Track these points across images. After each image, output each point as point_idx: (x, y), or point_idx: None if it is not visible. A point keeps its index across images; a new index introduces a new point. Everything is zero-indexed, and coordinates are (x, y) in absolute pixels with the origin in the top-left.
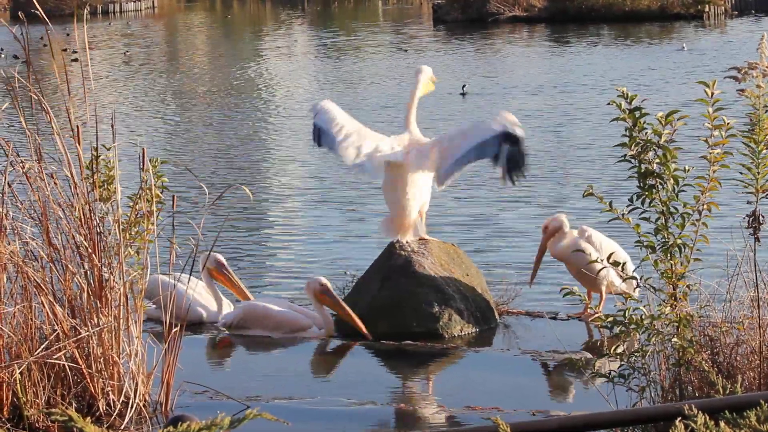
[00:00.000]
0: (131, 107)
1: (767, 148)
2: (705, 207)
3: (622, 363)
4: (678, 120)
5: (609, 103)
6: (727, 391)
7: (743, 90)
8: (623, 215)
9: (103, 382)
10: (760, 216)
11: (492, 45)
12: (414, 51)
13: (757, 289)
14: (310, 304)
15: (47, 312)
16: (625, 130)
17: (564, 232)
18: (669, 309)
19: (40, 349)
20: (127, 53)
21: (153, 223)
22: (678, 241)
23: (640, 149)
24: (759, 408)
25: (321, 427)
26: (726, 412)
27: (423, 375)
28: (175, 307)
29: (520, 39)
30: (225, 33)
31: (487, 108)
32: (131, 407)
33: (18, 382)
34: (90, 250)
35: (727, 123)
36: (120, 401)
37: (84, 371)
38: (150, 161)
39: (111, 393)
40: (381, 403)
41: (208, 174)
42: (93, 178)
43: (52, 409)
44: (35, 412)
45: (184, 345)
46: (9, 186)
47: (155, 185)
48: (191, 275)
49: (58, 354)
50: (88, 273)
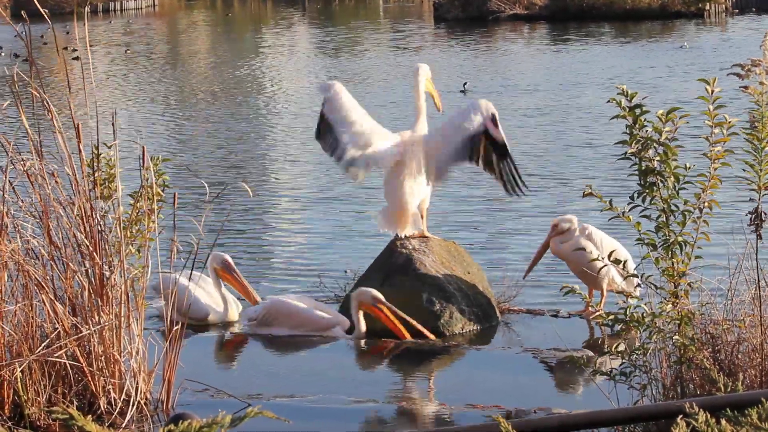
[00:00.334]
0: (132, 105)
1: None
2: (706, 204)
3: (623, 361)
4: (680, 118)
5: (609, 101)
6: (729, 389)
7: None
8: (624, 213)
9: (104, 380)
10: (762, 213)
11: (493, 43)
12: (414, 49)
13: (759, 287)
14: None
15: (48, 310)
16: (626, 127)
17: (571, 232)
18: (670, 307)
19: (41, 348)
20: (128, 51)
21: (154, 221)
22: (679, 239)
23: (640, 147)
24: (760, 406)
25: (322, 425)
26: (727, 410)
27: (424, 373)
28: (182, 306)
29: (520, 37)
30: (226, 31)
31: None
32: (132, 405)
33: (19, 380)
34: (91, 248)
35: (729, 121)
36: (121, 399)
37: (85, 369)
38: (151, 159)
39: (112, 391)
40: (382, 401)
41: (208, 172)
42: (94, 176)
43: (53, 408)
44: (36, 410)
45: (185, 343)
46: (10, 184)
47: (156, 183)
48: (199, 274)
49: (59, 352)
50: (89, 271)
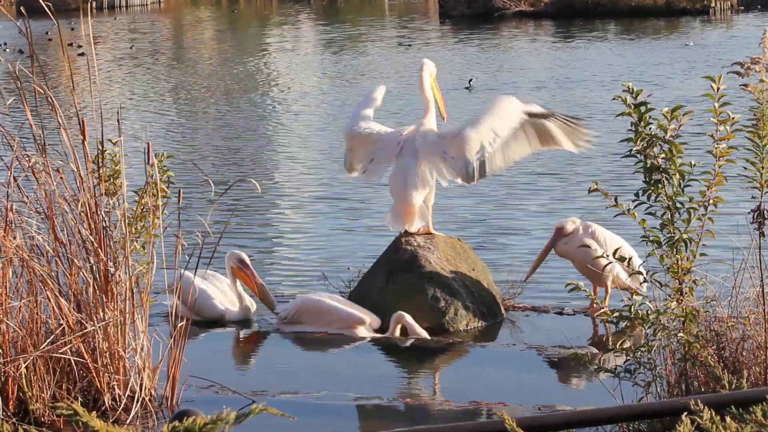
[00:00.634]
0: (137, 102)
1: None
2: (711, 202)
3: (627, 358)
4: (684, 115)
5: (614, 98)
6: (733, 387)
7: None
8: (629, 210)
9: (109, 376)
10: (764, 211)
11: (498, 40)
12: (420, 46)
13: (762, 285)
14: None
15: (53, 306)
16: (631, 125)
17: (575, 231)
18: (675, 304)
19: (45, 344)
20: (133, 48)
21: (159, 218)
22: (684, 236)
23: (645, 144)
24: (765, 403)
25: (327, 422)
26: (732, 407)
27: (429, 370)
28: (192, 304)
29: (526, 34)
30: (231, 27)
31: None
32: (137, 401)
33: (23, 376)
34: (96, 244)
35: (733, 118)
36: (126, 396)
37: (90, 366)
38: (156, 156)
39: (117, 387)
40: (387, 398)
41: (213, 168)
42: (99, 172)
43: (57, 404)
44: (40, 406)
45: (190, 340)
46: (15, 180)
47: (161, 179)
48: (213, 272)
49: (63, 348)
50: (93, 267)
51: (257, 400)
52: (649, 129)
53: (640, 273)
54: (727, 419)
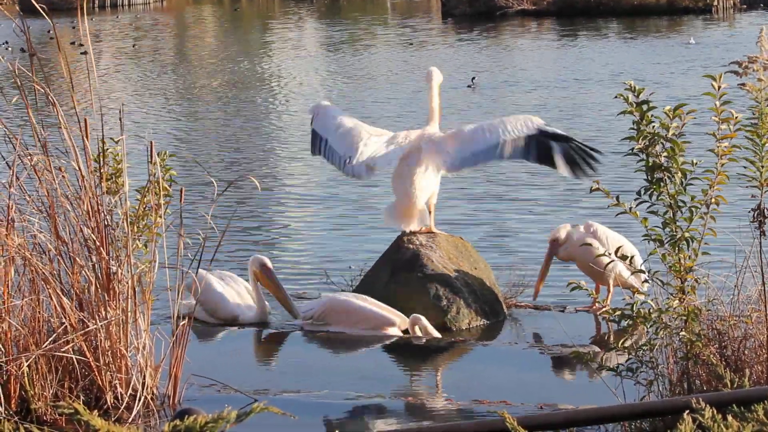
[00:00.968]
0: (139, 100)
1: None
2: (713, 201)
3: (629, 356)
4: (687, 114)
5: (616, 97)
6: (735, 385)
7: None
8: (631, 209)
9: (111, 375)
10: (765, 210)
11: (500, 39)
12: (422, 45)
13: (764, 283)
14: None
15: (55, 305)
16: (633, 123)
17: (570, 235)
18: (677, 302)
19: (47, 342)
20: (135, 46)
21: (161, 216)
22: (686, 235)
23: (647, 142)
24: (767, 402)
25: (328, 421)
26: (734, 405)
27: (431, 368)
28: (213, 305)
29: (528, 33)
30: (233, 26)
31: (496, 101)
32: (139, 400)
33: (26, 375)
34: (98, 243)
35: (735, 116)
36: (128, 394)
37: (92, 364)
38: (158, 154)
39: (119, 386)
40: (389, 397)
41: (215, 167)
42: (101, 170)
43: (59, 402)
44: (42, 405)
45: (192, 338)
46: (17, 179)
47: (163, 178)
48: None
49: (65, 347)
50: (95, 266)
51: (259, 398)
52: (652, 127)
53: (641, 272)
54: (729, 418)
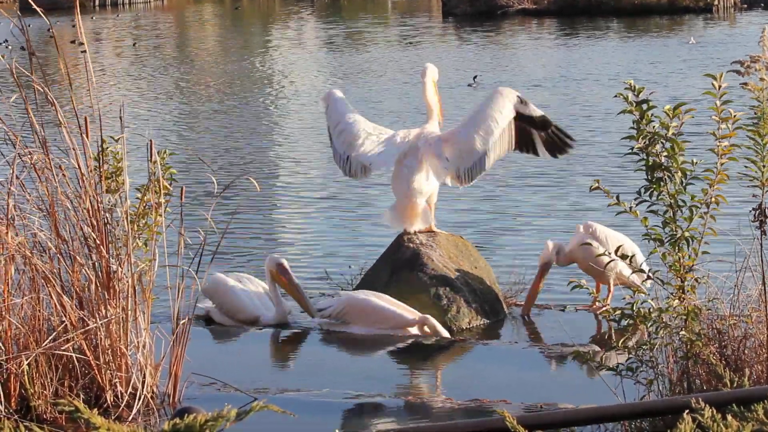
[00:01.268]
0: (139, 99)
1: None
2: (713, 200)
3: (630, 356)
4: (686, 113)
5: (616, 96)
6: (735, 385)
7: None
8: (631, 208)
9: (111, 373)
10: (766, 209)
11: (501, 38)
12: (423, 43)
13: (764, 283)
14: None
15: (55, 303)
16: (633, 122)
17: (562, 248)
18: (677, 302)
19: (47, 341)
20: (136, 45)
21: (161, 215)
22: (686, 234)
23: (647, 142)
24: (767, 401)
25: (328, 420)
26: (734, 405)
27: (431, 367)
28: (230, 306)
29: (528, 32)
30: (234, 24)
31: None
32: (139, 399)
33: (26, 373)
34: (98, 241)
35: (735, 116)
36: (128, 393)
37: (92, 363)
38: (158, 153)
39: (119, 384)
40: (389, 396)
41: (215, 166)
42: (101, 169)
43: (59, 401)
44: (42, 403)
45: (192, 337)
46: (17, 178)
47: (163, 177)
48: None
49: (65, 345)
50: (96, 264)
51: (259, 397)
52: (652, 127)
53: (642, 271)
54: (729, 417)
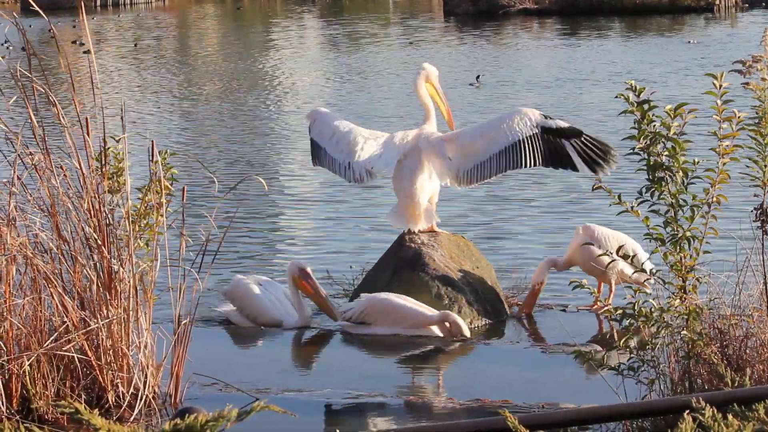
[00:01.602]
0: (141, 99)
1: None
2: (714, 200)
3: (631, 356)
4: (688, 113)
5: (617, 96)
6: (736, 384)
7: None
8: (632, 208)
9: (113, 374)
10: (767, 209)
11: (502, 37)
12: (424, 43)
13: (765, 282)
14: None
15: (56, 304)
16: (634, 122)
17: (558, 263)
18: (678, 301)
19: (49, 341)
20: (137, 45)
21: (163, 215)
22: (687, 234)
23: (648, 142)
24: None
25: (329, 420)
26: (735, 404)
27: (432, 367)
28: (252, 310)
29: (530, 32)
30: (235, 25)
31: (499, 100)
32: (140, 399)
33: (27, 374)
34: (99, 241)
35: (738, 115)
36: (129, 393)
37: (93, 363)
38: (159, 153)
39: (120, 385)
40: (390, 396)
41: (216, 166)
42: (102, 169)
43: (60, 401)
44: (44, 404)
45: (194, 338)
46: (18, 178)
47: (165, 177)
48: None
49: (67, 346)
50: (97, 265)
51: (260, 397)
52: (653, 126)
53: (644, 271)
54: (730, 417)
